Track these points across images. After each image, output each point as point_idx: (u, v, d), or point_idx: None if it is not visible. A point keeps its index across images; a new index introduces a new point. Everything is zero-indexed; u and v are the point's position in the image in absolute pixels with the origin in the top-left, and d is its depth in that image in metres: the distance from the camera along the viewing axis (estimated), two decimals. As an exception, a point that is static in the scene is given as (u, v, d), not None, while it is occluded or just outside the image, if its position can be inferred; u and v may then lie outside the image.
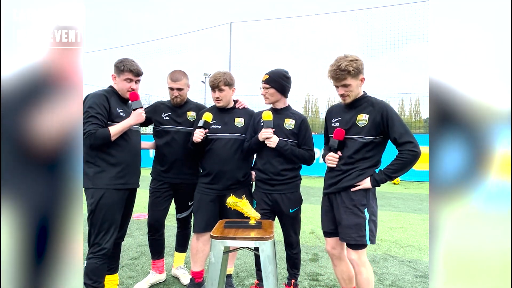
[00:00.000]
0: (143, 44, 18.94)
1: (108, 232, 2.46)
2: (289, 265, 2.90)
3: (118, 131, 2.49)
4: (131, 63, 2.61)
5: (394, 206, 7.13)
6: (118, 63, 2.61)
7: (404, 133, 2.28)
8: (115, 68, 2.62)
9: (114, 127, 2.47)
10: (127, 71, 2.58)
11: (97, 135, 2.39)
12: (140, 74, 2.66)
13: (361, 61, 2.34)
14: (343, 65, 2.26)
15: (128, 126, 2.55)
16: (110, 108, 2.52)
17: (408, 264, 3.76)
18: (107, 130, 2.44)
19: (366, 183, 2.34)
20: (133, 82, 2.62)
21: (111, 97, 2.57)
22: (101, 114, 2.45)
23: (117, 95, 2.64)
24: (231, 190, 2.68)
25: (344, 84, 2.32)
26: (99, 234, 2.44)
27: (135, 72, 2.61)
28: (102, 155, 2.49)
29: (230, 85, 2.84)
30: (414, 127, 24.94)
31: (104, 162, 2.49)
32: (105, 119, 2.47)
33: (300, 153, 2.70)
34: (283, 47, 17.16)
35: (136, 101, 2.61)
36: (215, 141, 2.82)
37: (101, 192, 2.44)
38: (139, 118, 2.60)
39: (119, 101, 2.63)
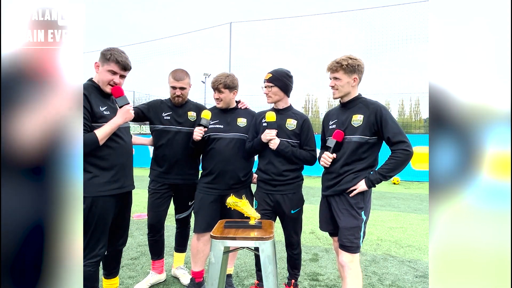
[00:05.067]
0: (143, 44, 18.95)
1: (101, 240, 2.32)
2: (290, 266, 2.90)
3: (106, 133, 2.24)
4: (119, 54, 2.31)
5: (394, 206, 7.13)
6: (105, 51, 2.31)
7: (397, 133, 2.31)
8: (101, 56, 2.32)
9: (100, 130, 2.21)
10: (113, 61, 2.28)
11: (84, 141, 2.05)
12: (128, 68, 2.37)
13: (359, 62, 2.40)
14: (340, 59, 2.39)
15: (116, 127, 2.29)
16: (92, 107, 2.22)
17: (408, 264, 3.77)
18: (94, 134, 2.19)
19: (362, 186, 2.35)
20: (117, 75, 2.32)
21: (91, 93, 2.26)
22: (84, 117, 2.14)
23: (98, 90, 2.33)
24: (233, 190, 2.68)
25: (335, 77, 2.42)
26: (91, 242, 2.28)
27: (121, 65, 2.31)
28: (92, 160, 2.24)
29: (231, 88, 2.84)
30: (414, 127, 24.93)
31: (96, 168, 2.26)
32: (89, 121, 2.20)
33: (301, 154, 2.70)
34: (283, 47, 17.15)
35: (121, 97, 2.33)
36: (217, 140, 2.82)
37: (93, 199, 2.23)
38: (127, 116, 2.34)
39: (101, 97, 2.33)
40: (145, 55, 18.30)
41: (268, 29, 15.91)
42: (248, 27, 15.72)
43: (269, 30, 15.92)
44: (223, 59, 15.52)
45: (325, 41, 15.73)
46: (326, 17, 15.08)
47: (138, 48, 18.68)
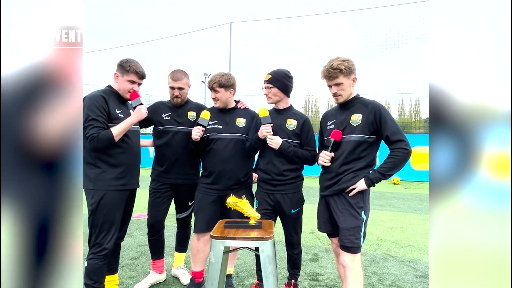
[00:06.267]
0: (143, 44, 18.97)
1: (109, 233, 2.46)
2: (290, 265, 2.90)
3: (121, 131, 2.46)
4: (136, 65, 2.59)
5: (394, 206, 7.14)
6: (123, 63, 2.58)
7: (396, 132, 2.31)
8: (120, 67, 2.59)
9: (116, 127, 2.45)
10: (132, 72, 2.55)
11: (100, 137, 2.38)
12: (144, 77, 2.64)
13: (352, 62, 2.42)
14: (335, 64, 2.36)
15: (130, 125, 2.52)
16: (109, 109, 2.48)
17: (408, 264, 3.77)
18: (110, 131, 2.42)
19: (361, 185, 2.35)
20: (135, 84, 2.60)
21: (109, 97, 2.53)
22: (102, 116, 2.42)
23: (116, 95, 2.60)
24: (232, 190, 2.68)
25: (336, 83, 2.40)
26: (100, 235, 2.44)
27: (140, 75, 2.59)
28: (102, 157, 2.46)
29: (226, 87, 2.83)
30: (414, 127, 24.93)
31: (105, 164, 2.47)
32: (106, 121, 2.45)
33: (303, 154, 2.69)
34: (283, 47, 17.16)
35: (136, 99, 2.59)
36: (216, 141, 2.82)
37: (102, 193, 2.43)
38: (139, 114, 2.55)
39: (117, 102, 2.59)
40: (145, 55, 18.31)
41: (268, 29, 15.94)
42: (248, 27, 15.75)
43: (269, 30, 15.95)
44: (223, 59, 15.55)
45: (325, 41, 15.75)
46: (326, 17, 15.11)
47: (138, 48, 18.72)
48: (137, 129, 2.77)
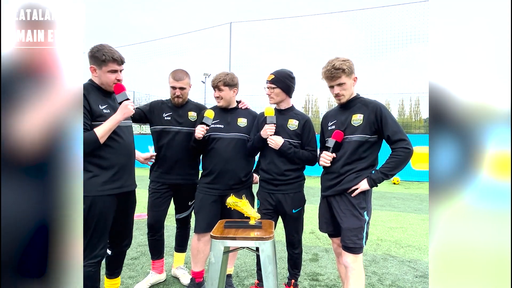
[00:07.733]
0: (143, 44, 18.97)
1: (101, 240, 2.29)
2: (290, 265, 2.90)
3: (106, 131, 2.20)
4: (111, 51, 2.26)
5: (394, 206, 7.13)
6: (95, 52, 2.25)
7: (397, 131, 2.31)
8: (93, 59, 2.27)
9: (100, 128, 2.19)
10: (110, 61, 2.25)
11: (83, 141, 2.01)
12: (124, 61, 2.34)
13: (351, 62, 2.41)
14: (337, 64, 2.34)
15: (116, 123, 2.25)
16: (91, 106, 2.20)
17: (408, 264, 3.76)
18: (93, 133, 2.16)
19: (364, 185, 2.34)
20: (118, 72, 2.30)
21: (90, 93, 2.24)
22: (83, 116, 2.12)
23: (98, 89, 2.32)
24: (233, 190, 2.68)
25: (339, 83, 2.38)
26: (91, 242, 2.25)
27: (119, 61, 2.29)
28: (92, 159, 2.22)
29: (230, 86, 2.84)
30: (414, 127, 24.90)
31: (95, 167, 2.24)
32: (88, 120, 2.18)
33: (303, 155, 2.70)
34: (283, 47, 17.14)
35: (121, 94, 2.30)
36: (217, 140, 2.82)
37: (93, 198, 2.20)
38: (126, 112, 2.28)
39: (101, 95, 2.31)
40: (145, 55, 18.34)
41: (268, 29, 15.93)
42: (248, 27, 15.75)
43: (269, 30, 15.94)
44: (223, 59, 15.55)
45: (325, 41, 15.75)
46: (326, 17, 15.11)
47: (138, 48, 18.72)
48: (129, 124, 2.52)
